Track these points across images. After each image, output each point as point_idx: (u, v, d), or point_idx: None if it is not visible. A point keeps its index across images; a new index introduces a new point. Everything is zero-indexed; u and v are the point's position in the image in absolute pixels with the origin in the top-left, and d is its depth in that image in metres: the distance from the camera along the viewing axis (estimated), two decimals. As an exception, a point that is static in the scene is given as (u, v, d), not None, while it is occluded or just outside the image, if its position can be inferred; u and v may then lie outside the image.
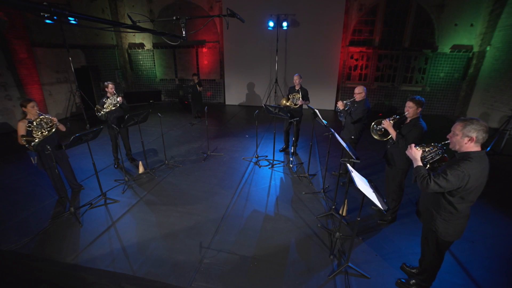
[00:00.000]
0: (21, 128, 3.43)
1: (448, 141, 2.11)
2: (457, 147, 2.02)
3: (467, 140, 1.92)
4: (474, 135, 1.88)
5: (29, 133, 3.44)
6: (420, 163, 2.16)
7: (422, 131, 2.96)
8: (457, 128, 1.97)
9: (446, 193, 2.03)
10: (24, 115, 3.51)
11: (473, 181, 1.89)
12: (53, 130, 3.59)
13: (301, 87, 5.22)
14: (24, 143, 3.36)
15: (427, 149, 2.32)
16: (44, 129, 3.51)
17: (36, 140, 3.39)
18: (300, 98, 5.10)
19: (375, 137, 3.41)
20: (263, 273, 2.76)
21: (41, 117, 3.53)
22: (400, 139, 3.07)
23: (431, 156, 2.33)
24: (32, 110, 3.48)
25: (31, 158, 3.62)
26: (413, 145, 2.26)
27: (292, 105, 5.20)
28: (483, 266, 2.86)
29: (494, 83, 8.01)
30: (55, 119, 3.64)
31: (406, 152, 2.30)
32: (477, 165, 1.88)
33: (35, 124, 3.45)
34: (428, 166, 2.33)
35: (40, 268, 2.84)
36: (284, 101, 5.26)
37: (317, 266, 2.85)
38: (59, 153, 3.86)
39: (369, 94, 10.01)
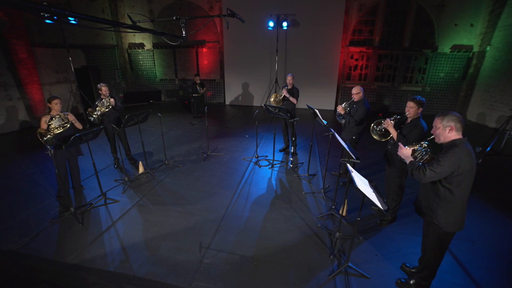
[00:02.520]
0: (42, 122, 3.60)
1: (432, 136, 2.32)
2: (442, 139, 2.21)
3: (448, 129, 2.13)
4: (452, 124, 2.11)
5: (48, 128, 3.59)
6: (412, 159, 2.37)
7: (423, 131, 2.97)
8: (437, 122, 2.21)
9: (444, 181, 2.15)
10: (49, 111, 3.71)
11: (465, 164, 2.03)
12: (67, 126, 3.72)
13: (293, 86, 5.37)
14: (39, 136, 3.47)
15: (416, 147, 2.50)
16: (59, 125, 3.67)
17: (49, 135, 3.51)
18: (286, 91, 5.27)
19: (375, 137, 3.41)
20: (263, 273, 2.76)
21: (60, 113, 3.70)
22: (401, 139, 3.08)
23: (421, 155, 2.49)
24: (55, 106, 3.68)
25: (48, 151, 3.70)
26: (401, 145, 2.48)
27: (278, 96, 5.43)
28: (483, 266, 2.86)
29: (494, 83, 8.01)
30: (71, 116, 3.78)
31: (398, 152, 2.49)
32: (464, 149, 2.05)
33: (54, 120, 3.62)
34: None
35: (40, 268, 2.84)
36: (272, 98, 5.51)
37: (317, 266, 2.85)
38: (72, 150, 3.95)
39: (369, 94, 10.02)
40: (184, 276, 2.72)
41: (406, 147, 2.47)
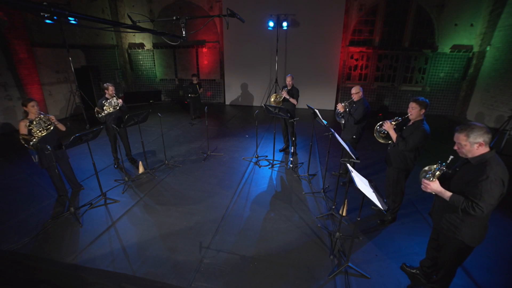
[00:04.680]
0: (22, 127, 3.46)
1: (451, 157, 2.04)
2: (469, 155, 2.00)
3: (477, 146, 1.92)
4: (481, 140, 1.89)
5: (29, 132, 3.47)
6: (449, 192, 2.04)
7: (425, 134, 2.89)
8: (461, 139, 1.97)
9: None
10: (26, 114, 3.55)
11: (507, 180, 1.86)
12: (51, 128, 3.62)
13: (292, 87, 5.38)
14: (23, 142, 3.37)
15: (437, 173, 2.15)
16: (42, 128, 3.53)
17: (34, 140, 3.41)
18: (286, 92, 5.30)
19: (380, 140, 3.33)
20: (263, 273, 2.76)
21: (40, 116, 3.56)
22: (401, 141, 3.03)
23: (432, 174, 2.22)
24: (32, 109, 3.51)
25: (32, 156, 3.65)
26: (425, 181, 2.13)
27: (279, 97, 5.46)
28: (483, 266, 2.86)
29: (494, 83, 8.01)
30: (53, 117, 3.67)
31: (426, 190, 2.15)
32: (498, 165, 1.86)
33: (34, 123, 3.49)
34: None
35: (40, 268, 2.84)
36: (272, 98, 5.54)
37: (317, 266, 2.85)
38: (59, 153, 3.87)
39: (369, 94, 10.02)
40: (184, 276, 2.72)
41: (432, 179, 2.11)
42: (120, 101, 4.66)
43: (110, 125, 4.74)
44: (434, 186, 2.09)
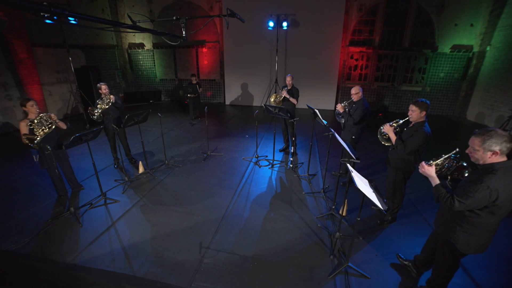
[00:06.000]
0: (23, 127, 3.47)
1: (457, 150, 2.07)
2: (481, 162, 1.89)
3: (490, 154, 1.80)
4: (497, 148, 1.76)
5: (31, 132, 3.48)
6: (438, 181, 2.06)
7: (425, 137, 2.85)
8: (475, 143, 1.85)
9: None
10: (25, 114, 3.57)
11: (504, 195, 1.75)
12: (53, 127, 3.64)
13: (292, 87, 5.38)
14: (27, 141, 3.39)
15: (438, 162, 2.19)
16: (44, 127, 3.55)
17: (38, 138, 3.43)
18: (286, 92, 5.28)
19: (383, 142, 3.28)
20: (263, 273, 2.76)
21: (41, 115, 3.58)
22: (399, 144, 3.01)
23: (447, 166, 2.23)
24: (31, 108, 3.53)
25: (34, 156, 3.66)
26: (423, 162, 2.15)
27: (278, 97, 5.45)
28: (483, 266, 2.86)
29: (494, 83, 8.01)
30: (53, 115, 3.68)
31: (420, 171, 2.17)
32: (503, 177, 1.74)
33: (36, 122, 3.50)
34: (448, 178, 2.21)
35: (40, 268, 2.84)
36: (273, 98, 5.53)
37: (317, 266, 2.85)
38: (59, 153, 3.88)
39: (369, 94, 10.02)
40: (184, 276, 2.72)
41: (430, 162, 2.13)
42: (112, 96, 4.62)
43: (109, 125, 4.74)
44: (428, 169, 2.09)
